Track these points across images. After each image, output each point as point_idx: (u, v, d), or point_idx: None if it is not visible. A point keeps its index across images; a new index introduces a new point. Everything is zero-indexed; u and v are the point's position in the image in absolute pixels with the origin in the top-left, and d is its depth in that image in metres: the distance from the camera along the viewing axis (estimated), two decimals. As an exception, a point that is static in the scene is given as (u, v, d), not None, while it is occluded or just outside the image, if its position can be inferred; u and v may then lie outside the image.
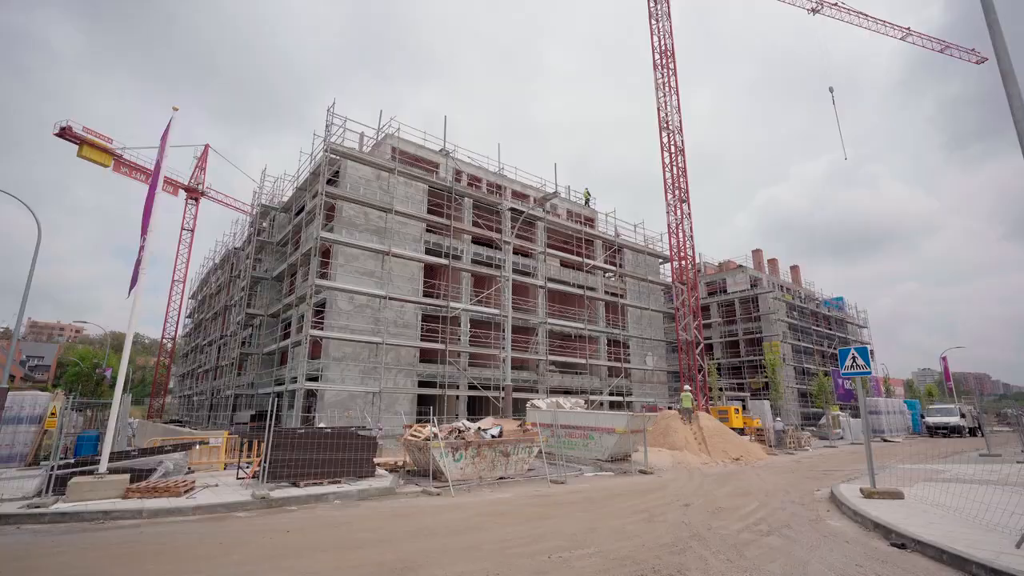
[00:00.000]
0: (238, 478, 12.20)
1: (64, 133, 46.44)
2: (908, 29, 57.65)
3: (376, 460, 14.49)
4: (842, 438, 30.80)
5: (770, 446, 23.92)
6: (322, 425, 19.20)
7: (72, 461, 11.15)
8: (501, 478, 13.91)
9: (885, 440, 31.63)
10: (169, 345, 56.29)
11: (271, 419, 10.98)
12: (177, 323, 55.94)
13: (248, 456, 14.59)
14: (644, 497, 11.39)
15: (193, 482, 11.24)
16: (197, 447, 12.89)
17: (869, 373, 10.61)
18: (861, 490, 9.94)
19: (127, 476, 10.81)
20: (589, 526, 8.51)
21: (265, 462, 11.26)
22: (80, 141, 46.82)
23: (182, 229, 57.16)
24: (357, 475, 12.59)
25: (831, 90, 56.32)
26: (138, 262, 11.98)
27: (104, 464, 10.54)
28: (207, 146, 58.96)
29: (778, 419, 29.94)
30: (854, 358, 10.85)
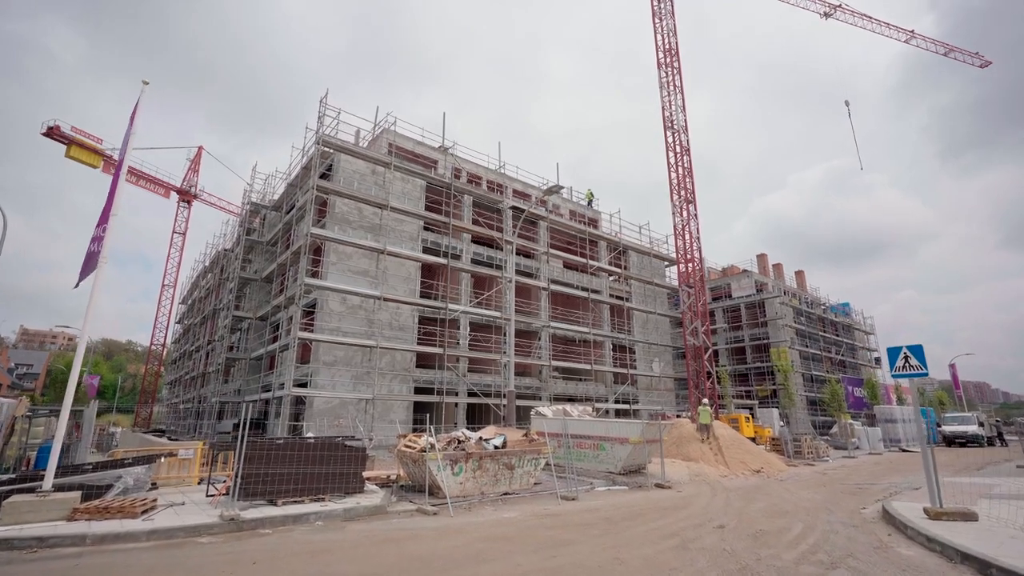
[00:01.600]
0: (208, 495, 10.79)
1: (52, 133, 45.19)
2: (912, 32, 57.14)
3: (366, 474, 13.11)
4: (858, 447, 29.37)
5: (788, 456, 22.54)
6: (310, 435, 17.80)
7: (14, 476, 9.75)
8: (505, 494, 12.53)
9: (903, 450, 30.24)
10: (159, 351, 54.78)
11: (244, 428, 9.62)
12: (167, 329, 54.47)
13: (225, 470, 13.19)
14: (669, 517, 10.02)
15: (154, 500, 9.84)
16: (163, 460, 11.48)
17: (926, 374, 9.31)
18: (925, 510, 8.60)
19: (77, 494, 9.42)
20: (614, 555, 7.16)
21: (237, 477, 9.88)
22: (68, 141, 45.53)
23: (173, 232, 55.89)
24: (344, 491, 11.21)
25: (847, 103, 55.68)
26: (95, 253, 10.69)
27: (49, 480, 9.16)
28: (200, 148, 57.81)
29: (781, 425, 28.49)
30: (906, 358, 9.55)
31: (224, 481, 11.27)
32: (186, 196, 56.21)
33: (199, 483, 13.05)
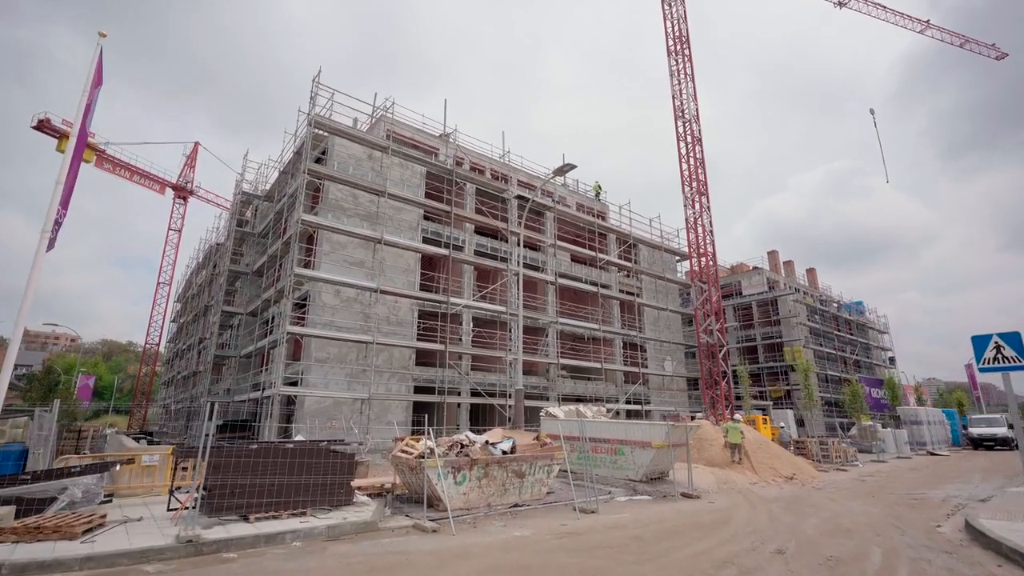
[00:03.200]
0: (169, 509, 9.29)
1: (42, 126, 43.85)
2: (927, 22, 55.56)
3: (358, 482, 11.59)
4: (883, 451, 27.72)
5: (817, 461, 20.96)
6: (299, 437, 16.31)
7: (-65, 489, 8.27)
8: (515, 505, 10.99)
9: (932, 454, 28.58)
10: (153, 351, 53.44)
11: (207, 432, 8.12)
12: (162, 328, 53.11)
13: (198, 479, 11.69)
14: (712, 536, 8.47)
15: (103, 516, 8.34)
16: (118, 467, 9.97)
17: (1024, 367, 7.75)
18: (1038, 533, 7.03)
19: (10, 509, 7.96)
20: (660, 593, 5.61)
21: (202, 488, 8.38)
22: (59, 135, 44.12)
23: (169, 229, 54.51)
24: (330, 503, 9.70)
25: (872, 111, 53.66)
26: (53, 235, 9.21)
27: (-29, 494, 7.67)
28: (196, 143, 56.51)
29: (782, 426, 26.94)
30: (999, 348, 7.99)
31: (189, 492, 9.77)
32: (182, 192, 54.86)
33: (171, 493, 11.58)
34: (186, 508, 8.98)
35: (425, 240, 23.41)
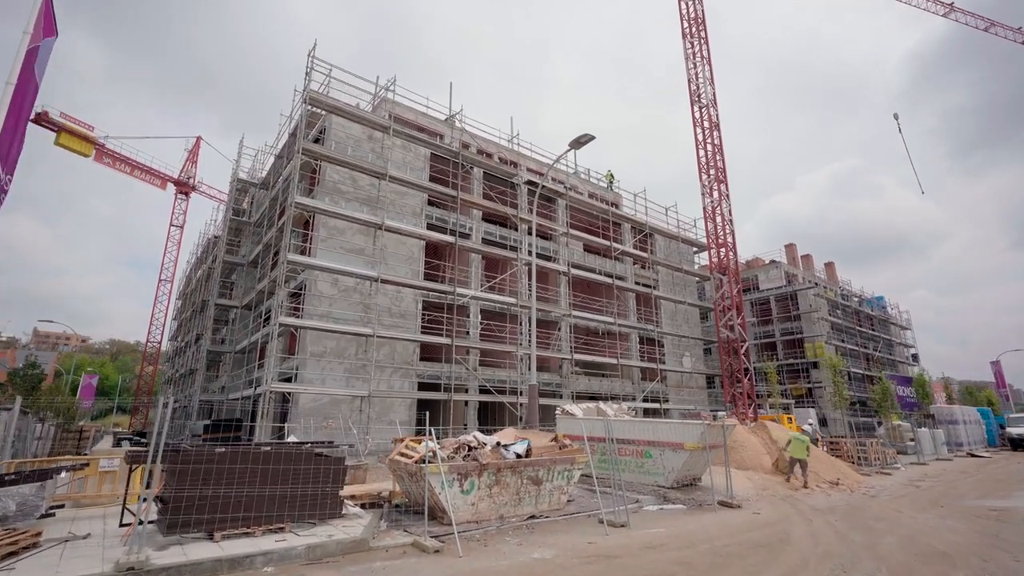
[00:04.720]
0: (122, 524, 7.86)
1: (40, 119, 42.69)
2: (951, 5, 53.41)
3: (354, 489, 10.18)
4: (919, 452, 25.88)
5: (854, 463, 19.25)
6: (292, 438, 14.92)
7: None
8: (531, 517, 9.47)
9: (972, 455, 26.71)
10: (155, 350, 52.49)
11: (159, 433, 6.68)
12: (163, 326, 52.12)
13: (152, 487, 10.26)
14: (775, 560, 6.90)
15: (36, 535, 6.92)
16: (64, 474, 8.54)
17: None
18: None
19: (-79, 526, 6.56)
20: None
21: (155, 500, 6.95)
22: (58, 128, 43.01)
23: (171, 225, 53.45)
24: (315, 516, 8.24)
25: (896, 116, 50.94)
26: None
27: None
28: (199, 138, 55.39)
29: (811, 423, 25.13)
30: None
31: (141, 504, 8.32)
32: (184, 187, 53.70)
33: (143, 500, 10.17)
34: (140, 524, 7.55)
35: (430, 227, 21.92)
